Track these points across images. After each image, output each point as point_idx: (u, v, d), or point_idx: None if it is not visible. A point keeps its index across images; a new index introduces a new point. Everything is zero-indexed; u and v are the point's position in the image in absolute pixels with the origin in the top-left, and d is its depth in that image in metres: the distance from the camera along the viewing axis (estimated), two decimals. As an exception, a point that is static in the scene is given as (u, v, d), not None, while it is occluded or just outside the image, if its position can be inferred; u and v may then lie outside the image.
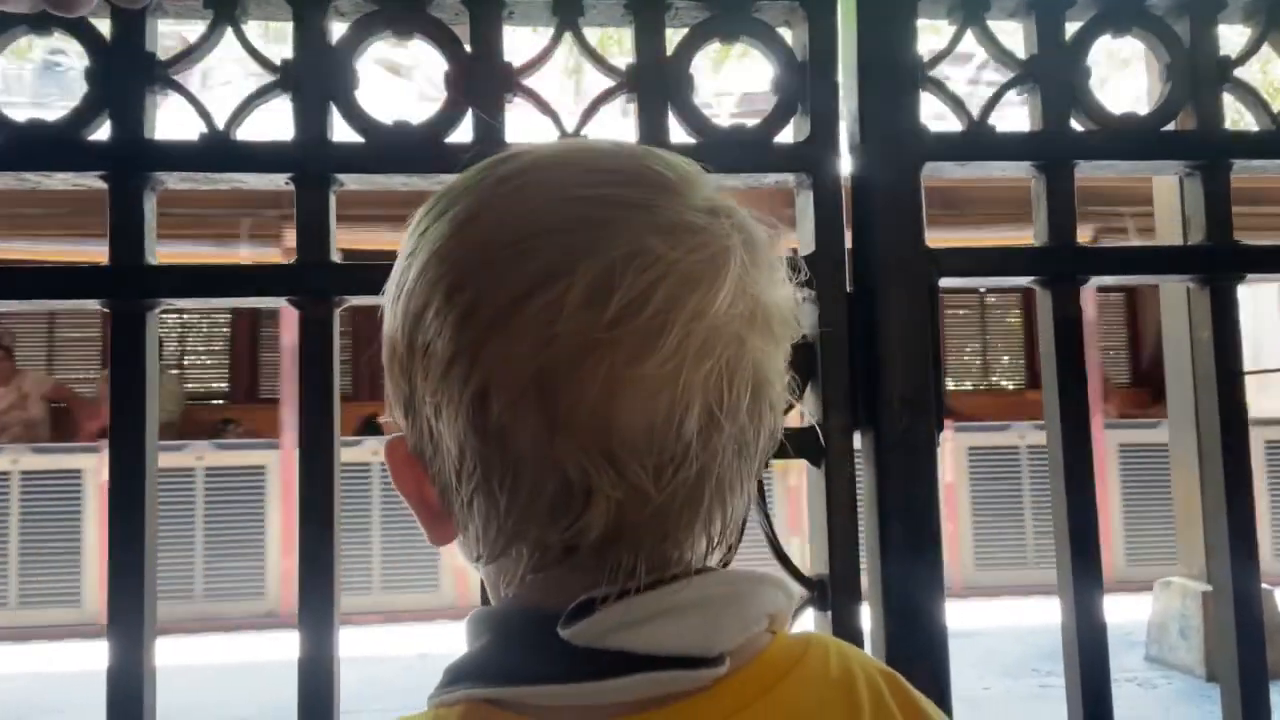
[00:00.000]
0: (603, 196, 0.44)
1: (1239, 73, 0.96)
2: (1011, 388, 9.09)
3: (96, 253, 0.84)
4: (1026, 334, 8.94)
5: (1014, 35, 0.97)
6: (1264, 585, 0.94)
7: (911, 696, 0.49)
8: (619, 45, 4.40)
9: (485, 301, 0.42)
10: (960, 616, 0.95)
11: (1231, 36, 0.98)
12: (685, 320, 0.42)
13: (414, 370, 0.45)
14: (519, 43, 0.91)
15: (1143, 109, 0.96)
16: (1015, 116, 0.96)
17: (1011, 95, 0.95)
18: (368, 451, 5.81)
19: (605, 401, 0.41)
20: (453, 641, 0.51)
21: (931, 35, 1.01)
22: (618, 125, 0.90)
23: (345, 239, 0.90)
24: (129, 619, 0.82)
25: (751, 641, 0.46)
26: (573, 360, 0.41)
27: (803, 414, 0.90)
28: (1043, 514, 6.03)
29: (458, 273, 0.44)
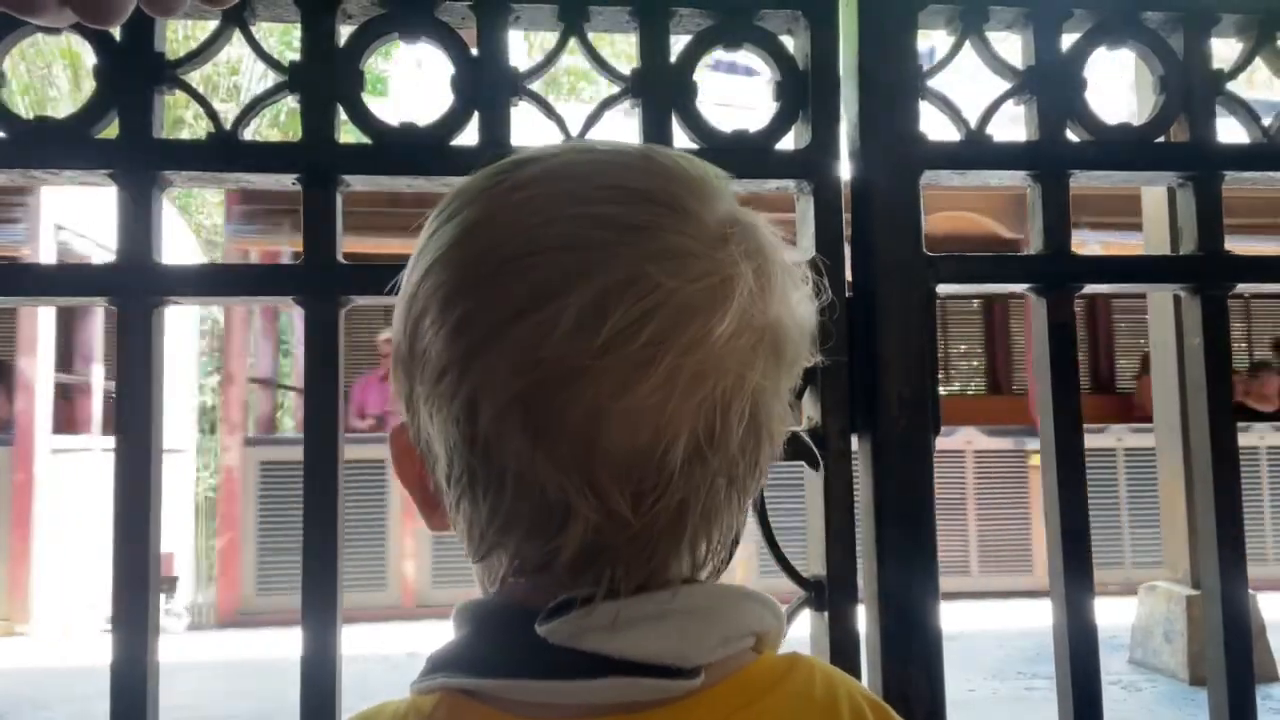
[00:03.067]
0: (608, 216, 0.43)
1: (1231, 86, 0.98)
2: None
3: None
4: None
5: (1012, 45, 0.99)
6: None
7: None
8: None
9: (478, 316, 0.42)
10: (942, 619, 0.96)
11: (1223, 50, 1.00)
12: (678, 352, 0.41)
13: (414, 371, 0.46)
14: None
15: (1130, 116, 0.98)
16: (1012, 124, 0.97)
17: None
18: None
19: (588, 427, 0.41)
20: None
21: (925, 42, 1.02)
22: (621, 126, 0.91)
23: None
24: (131, 612, 0.82)
25: (733, 658, 0.46)
26: (558, 385, 0.41)
27: (803, 416, 0.91)
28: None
29: (455, 283, 0.44)
